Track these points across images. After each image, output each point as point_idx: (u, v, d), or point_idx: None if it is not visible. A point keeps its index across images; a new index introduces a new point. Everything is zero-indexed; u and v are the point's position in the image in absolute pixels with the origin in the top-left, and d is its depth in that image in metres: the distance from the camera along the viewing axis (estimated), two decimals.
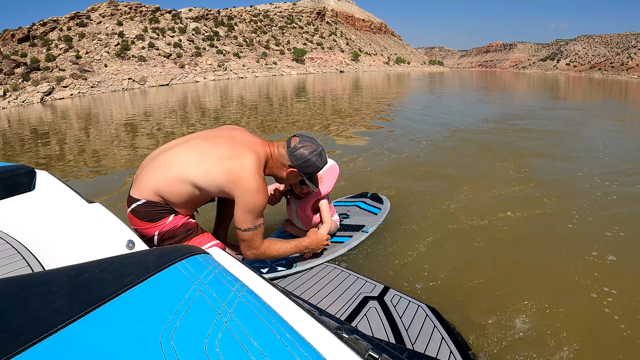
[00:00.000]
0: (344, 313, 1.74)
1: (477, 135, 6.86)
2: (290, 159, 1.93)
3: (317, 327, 0.75)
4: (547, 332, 1.83)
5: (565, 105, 14.45)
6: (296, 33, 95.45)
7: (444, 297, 2.06)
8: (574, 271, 2.37)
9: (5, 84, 36.24)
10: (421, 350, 1.52)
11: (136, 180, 1.85)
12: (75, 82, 39.79)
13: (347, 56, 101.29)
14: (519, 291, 2.15)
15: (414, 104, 13.72)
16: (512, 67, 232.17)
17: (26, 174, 1.69)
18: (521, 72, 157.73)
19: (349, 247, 2.43)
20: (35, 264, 1.23)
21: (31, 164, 6.10)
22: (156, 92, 29.70)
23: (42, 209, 1.66)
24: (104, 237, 1.55)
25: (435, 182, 4.04)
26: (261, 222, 1.86)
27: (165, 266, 0.79)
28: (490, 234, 2.83)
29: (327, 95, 19.33)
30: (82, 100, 24.51)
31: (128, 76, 45.71)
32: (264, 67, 68.43)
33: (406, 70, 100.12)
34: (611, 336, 1.83)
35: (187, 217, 1.92)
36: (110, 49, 53.58)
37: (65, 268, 0.80)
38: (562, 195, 3.64)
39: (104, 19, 61.75)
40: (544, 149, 5.74)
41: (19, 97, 30.58)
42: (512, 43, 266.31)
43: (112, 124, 10.96)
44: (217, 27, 75.73)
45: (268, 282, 0.87)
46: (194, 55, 60.91)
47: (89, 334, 0.62)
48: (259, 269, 2.12)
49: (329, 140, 6.94)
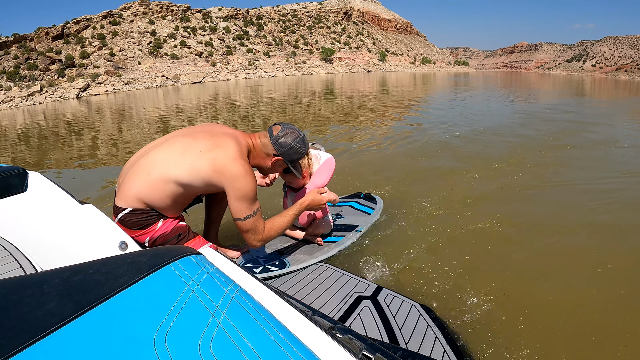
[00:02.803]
0: (338, 313, 1.74)
1: (479, 137, 6.90)
2: (275, 147, 1.92)
3: (310, 327, 0.75)
4: (544, 330, 1.84)
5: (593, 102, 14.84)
6: (324, 33, 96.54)
7: (437, 296, 2.08)
8: (572, 269, 2.40)
9: (41, 80, 37.69)
10: (415, 349, 1.52)
11: (119, 189, 1.81)
12: (110, 79, 41.25)
13: (374, 56, 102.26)
14: (514, 290, 2.17)
15: (436, 106, 13.67)
16: (538, 68, 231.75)
17: (18, 175, 1.68)
18: (546, 73, 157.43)
19: (342, 247, 2.44)
20: (27, 266, 1.23)
21: (65, 158, 6.56)
22: (189, 89, 30.41)
23: (34, 210, 1.64)
24: (96, 238, 1.54)
25: (433, 182, 4.06)
26: (258, 206, 1.83)
27: (158, 267, 0.79)
28: (485, 234, 2.85)
29: (355, 94, 19.56)
30: (117, 97, 25.09)
31: (161, 74, 47.03)
32: (293, 66, 69.41)
33: (432, 71, 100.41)
34: (610, 336, 1.85)
35: (176, 220, 1.90)
36: (142, 47, 55.09)
37: (58, 269, 0.80)
38: (560, 194, 3.68)
39: (136, 17, 63.73)
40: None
41: (55, 93, 31.95)
42: (538, 44, 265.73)
43: (144, 120, 11.27)
44: (246, 27, 77.27)
45: (261, 282, 0.87)
46: (225, 54, 62.37)
47: (82, 336, 0.62)
48: (252, 269, 2.12)
49: (346, 136, 7.10)
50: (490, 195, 3.65)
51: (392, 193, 3.65)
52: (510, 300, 2.07)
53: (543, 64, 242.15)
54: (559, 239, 2.81)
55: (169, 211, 1.85)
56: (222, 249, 2.34)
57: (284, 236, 2.59)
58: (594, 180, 4.22)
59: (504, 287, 2.20)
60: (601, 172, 4.54)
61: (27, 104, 27.52)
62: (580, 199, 3.65)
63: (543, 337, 1.80)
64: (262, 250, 2.37)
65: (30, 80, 37.48)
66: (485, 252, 2.61)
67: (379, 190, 3.68)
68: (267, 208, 3.24)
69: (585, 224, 3.08)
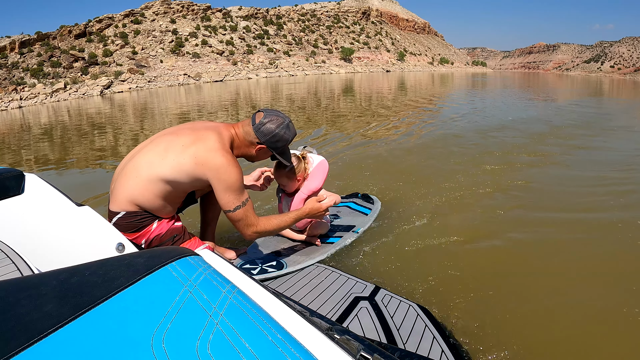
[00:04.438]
0: (335, 314, 1.74)
1: (484, 135, 6.88)
2: (257, 135, 1.88)
3: (308, 328, 0.75)
4: (540, 329, 1.85)
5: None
6: (343, 32, 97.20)
7: (435, 297, 2.08)
8: (568, 270, 2.41)
9: (65, 78, 38.79)
10: (413, 350, 1.52)
11: (112, 194, 1.82)
12: (133, 77, 42.29)
13: (393, 56, 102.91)
14: (512, 290, 2.18)
15: (455, 108, 13.53)
16: (555, 69, 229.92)
17: (14, 177, 1.67)
18: (564, 74, 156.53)
19: (340, 247, 2.44)
20: (24, 268, 1.22)
21: (86, 154, 6.77)
22: (210, 87, 31.18)
23: (31, 212, 1.64)
24: (93, 240, 1.54)
25: (430, 182, 4.06)
26: (246, 196, 1.83)
27: (155, 268, 0.79)
28: (482, 235, 2.85)
29: (374, 94, 19.72)
30: (140, 94, 25.68)
31: (184, 72, 48.08)
32: (313, 65, 70.48)
33: (450, 71, 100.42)
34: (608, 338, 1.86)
35: (171, 221, 1.91)
36: (164, 45, 56.29)
37: (55, 271, 0.79)
38: (557, 195, 3.69)
39: (158, 16, 65.16)
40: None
41: (79, 90, 33.19)
42: (556, 44, 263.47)
43: (167, 117, 11.51)
44: (266, 26, 78.26)
45: (259, 283, 0.87)
46: (245, 53, 63.46)
47: (79, 338, 0.62)
48: (249, 270, 2.12)
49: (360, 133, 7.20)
50: (494, 196, 3.65)
51: (391, 193, 3.65)
52: (508, 300, 2.07)
53: (561, 64, 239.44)
54: (560, 240, 2.82)
55: (162, 211, 1.85)
56: (219, 249, 2.34)
57: (281, 237, 2.59)
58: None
59: (502, 287, 2.21)
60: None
61: (52, 100, 28.37)
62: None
63: (541, 336, 1.81)
64: (259, 252, 2.37)
65: (54, 78, 38.42)
66: (483, 252, 2.62)
67: (378, 190, 3.69)
68: (264, 212, 3.24)
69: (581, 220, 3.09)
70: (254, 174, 2.41)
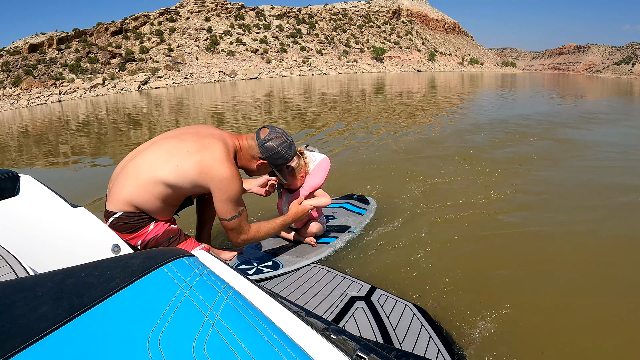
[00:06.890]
0: (331, 314, 1.74)
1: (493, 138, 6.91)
2: (260, 150, 1.92)
3: (304, 329, 0.75)
4: (537, 328, 1.86)
5: None
6: (374, 32, 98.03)
7: (431, 296, 2.09)
8: (565, 267, 2.42)
9: (103, 73, 39.92)
10: (409, 350, 1.53)
11: (109, 193, 1.82)
12: (169, 73, 43.38)
13: (424, 56, 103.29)
14: (508, 289, 2.19)
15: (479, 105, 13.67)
16: (586, 71, 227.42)
17: (10, 179, 1.66)
18: (595, 75, 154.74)
19: (335, 248, 2.44)
20: (19, 269, 1.22)
21: (121, 147, 6.86)
22: (245, 84, 31.91)
23: (27, 213, 1.63)
24: (89, 241, 1.53)
25: (427, 183, 4.06)
26: (243, 207, 1.86)
27: (151, 269, 0.78)
28: (479, 234, 2.87)
29: (404, 93, 19.68)
30: (176, 90, 26.37)
31: (219, 69, 49.26)
32: (345, 64, 71.21)
33: (479, 71, 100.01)
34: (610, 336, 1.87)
35: (167, 223, 1.90)
36: (199, 43, 57.64)
37: (50, 273, 0.79)
38: (555, 195, 3.71)
39: (192, 15, 66.68)
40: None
41: (117, 85, 34.40)
42: (586, 45, 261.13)
43: (201, 113, 11.79)
44: (298, 25, 79.23)
45: (255, 284, 0.87)
46: (279, 51, 64.55)
47: (75, 340, 0.62)
48: (245, 270, 2.12)
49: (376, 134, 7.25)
50: (491, 195, 3.66)
51: (388, 193, 3.65)
52: (504, 299, 2.08)
53: (591, 66, 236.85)
54: (559, 239, 2.83)
55: (160, 214, 1.84)
56: (215, 250, 2.34)
57: (277, 237, 2.59)
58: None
59: (498, 287, 2.22)
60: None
61: (90, 95, 29.42)
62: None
63: (538, 336, 1.82)
64: (255, 252, 2.37)
65: (92, 73, 39.59)
66: (480, 252, 2.63)
67: (375, 190, 3.69)
68: (261, 207, 3.24)
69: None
70: (260, 179, 2.42)
